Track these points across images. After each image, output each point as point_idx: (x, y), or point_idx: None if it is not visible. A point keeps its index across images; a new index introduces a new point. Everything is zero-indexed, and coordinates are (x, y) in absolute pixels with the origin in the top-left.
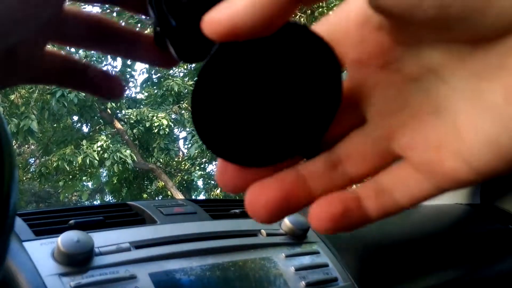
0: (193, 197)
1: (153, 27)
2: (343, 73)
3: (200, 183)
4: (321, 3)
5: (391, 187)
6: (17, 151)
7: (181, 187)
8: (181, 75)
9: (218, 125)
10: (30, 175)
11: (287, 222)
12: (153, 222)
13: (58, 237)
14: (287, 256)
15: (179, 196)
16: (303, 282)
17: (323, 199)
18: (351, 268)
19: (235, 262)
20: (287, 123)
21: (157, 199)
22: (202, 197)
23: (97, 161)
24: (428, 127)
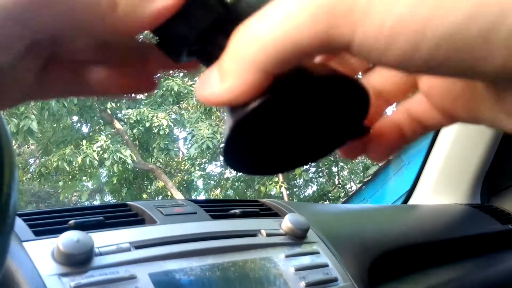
0: (193, 197)
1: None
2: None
3: (200, 183)
4: None
5: (419, 117)
6: (17, 151)
7: (181, 187)
8: (181, 75)
9: (250, 158)
10: (30, 175)
11: (287, 222)
12: (153, 222)
13: (58, 237)
14: (287, 256)
15: (179, 196)
16: (303, 282)
17: (380, 129)
18: (351, 268)
19: (235, 262)
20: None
21: (157, 199)
22: (202, 197)
23: (97, 161)
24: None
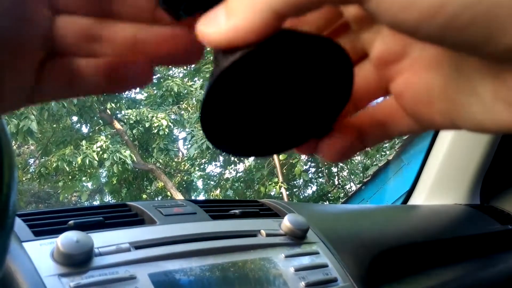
0: (193, 198)
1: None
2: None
3: (199, 183)
4: None
5: (385, 121)
6: (16, 151)
7: (181, 188)
8: (181, 75)
9: (229, 127)
10: (29, 176)
11: (287, 222)
12: (152, 222)
13: (57, 237)
14: (286, 256)
15: (179, 196)
16: (302, 282)
17: (337, 130)
18: (350, 268)
19: (234, 262)
20: (297, 118)
21: (156, 199)
22: (201, 197)
23: (97, 162)
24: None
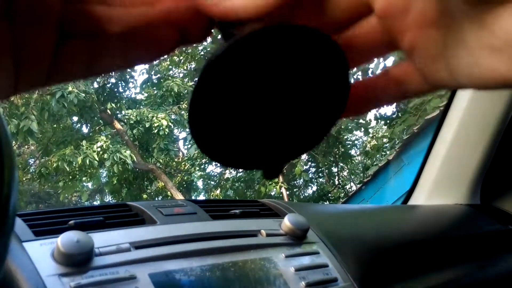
0: (193, 198)
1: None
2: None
3: (200, 183)
4: None
5: (399, 78)
6: (16, 151)
7: (181, 188)
8: (181, 75)
9: (219, 131)
10: (30, 176)
11: (287, 222)
12: (153, 222)
13: (58, 237)
14: (287, 256)
15: (179, 196)
16: (303, 282)
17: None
18: (351, 268)
19: (235, 262)
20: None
21: (157, 199)
22: (202, 197)
23: (97, 162)
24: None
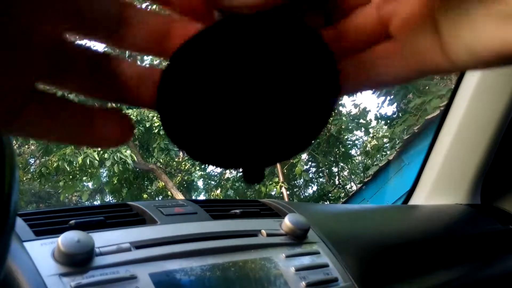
0: (193, 197)
1: None
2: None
3: (200, 183)
4: None
5: (379, 64)
6: (17, 151)
7: (181, 188)
8: None
9: (192, 118)
10: (30, 176)
11: (288, 222)
12: (153, 222)
13: (58, 237)
14: (287, 256)
15: (179, 196)
16: (303, 282)
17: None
18: (351, 268)
19: (235, 262)
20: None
21: (157, 199)
22: (202, 197)
23: (97, 161)
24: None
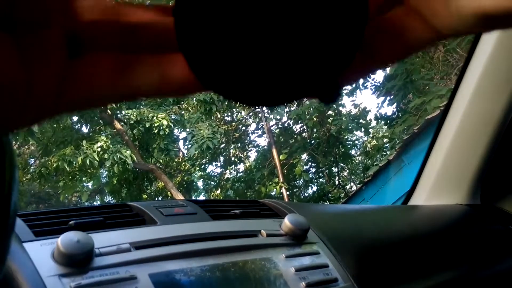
0: (193, 198)
1: None
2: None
3: (200, 183)
4: None
5: (400, 31)
6: (17, 151)
7: (181, 188)
8: None
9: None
10: (30, 176)
11: (287, 222)
12: (153, 222)
13: (58, 237)
14: (287, 256)
15: (179, 196)
16: (303, 282)
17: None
18: (351, 268)
19: (235, 262)
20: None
21: (157, 199)
22: (202, 197)
23: (97, 162)
24: None
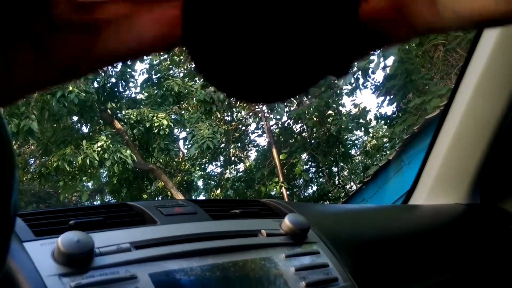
0: (193, 198)
1: None
2: None
3: (200, 183)
4: None
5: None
6: (17, 151)
7: (181, 188)
8: (181, 75)
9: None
10: (30, 176)
11: (287, 222)
12: (153, 222)
13: (58, 237)
14: (287, 256)
15: (179, 196)
16: (303, 282)
17: None
18: (351, 268)
19: (235, 262)
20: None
21: (157, 199)
22: (202, 197)
23: (97, 162)
24: None
